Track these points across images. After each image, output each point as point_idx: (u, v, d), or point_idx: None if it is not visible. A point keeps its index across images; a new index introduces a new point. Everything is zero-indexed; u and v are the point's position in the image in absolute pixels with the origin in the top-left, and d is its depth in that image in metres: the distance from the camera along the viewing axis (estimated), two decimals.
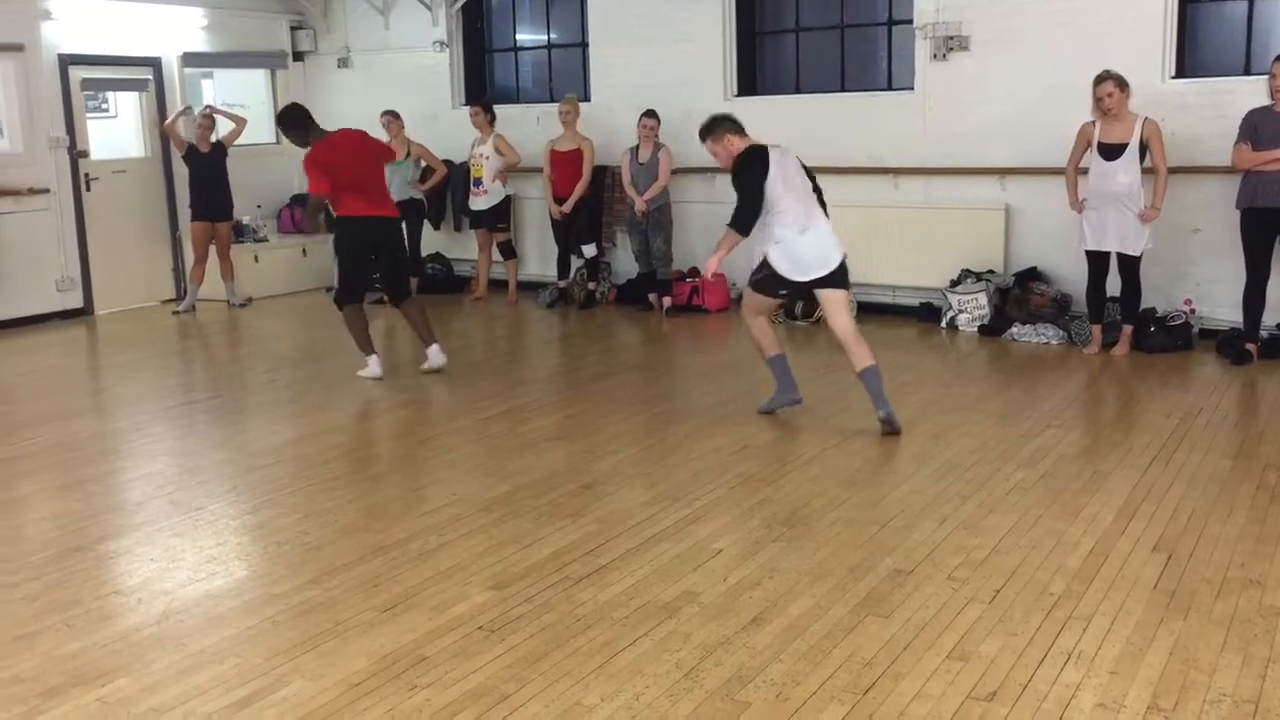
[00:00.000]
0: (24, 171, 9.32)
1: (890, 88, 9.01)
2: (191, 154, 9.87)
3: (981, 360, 7.53)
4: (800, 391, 6.05)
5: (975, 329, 8.11)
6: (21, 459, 5.70)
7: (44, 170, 9.48)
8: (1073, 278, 7.82)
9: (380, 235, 7.18)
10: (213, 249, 9.97)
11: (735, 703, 3.11)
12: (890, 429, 5.60)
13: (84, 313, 9.84)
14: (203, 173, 9.86)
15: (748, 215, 5.76)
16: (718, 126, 5.94)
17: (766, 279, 5.94)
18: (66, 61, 9.61)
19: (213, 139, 9.93)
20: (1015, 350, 7.68)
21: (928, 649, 3.39)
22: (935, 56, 8.46)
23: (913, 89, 8.66)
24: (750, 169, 5.74)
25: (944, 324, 8.31)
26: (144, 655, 3.49)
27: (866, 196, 8.86)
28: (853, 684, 3.20)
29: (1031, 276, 8.13)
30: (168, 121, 10.01)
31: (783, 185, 5.75)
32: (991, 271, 8.30)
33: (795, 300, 6.07)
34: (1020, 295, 8.00)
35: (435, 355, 7.30)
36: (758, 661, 3.34)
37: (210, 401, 6.93)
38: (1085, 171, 7.30)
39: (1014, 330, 7.90)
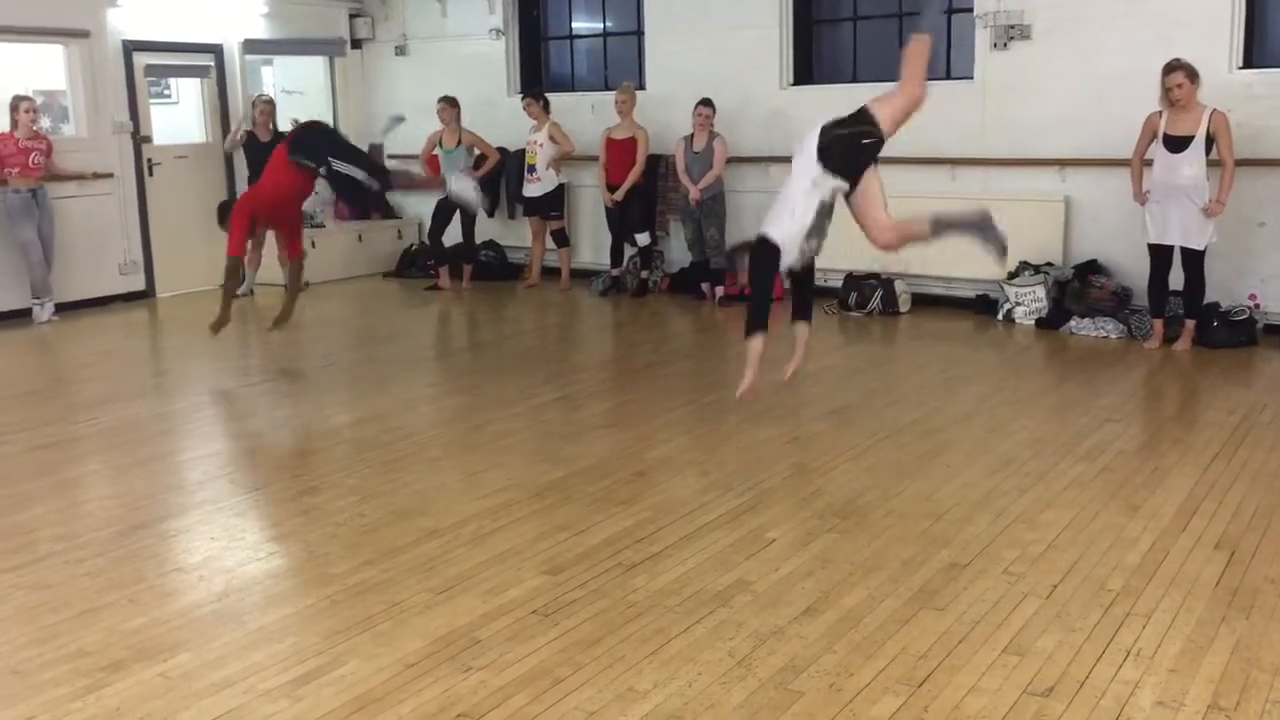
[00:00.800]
0: (89, 156, 9.49)
1: (949, 77, 8.91)
2: (251, 142, 10.00)
3: (1039, 354, 7.44)
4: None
5: (1032, 322, 8.01)
6: (86, 438, 5.82)
7: (108, 155, 9.64)
8: (1133, 271, 7.70)
9: None
10: (275, 234, 10.10)
11: (788, 692, 3.11)
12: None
13: (146, 295, 10.01)
14: (260, 160, 9.98)
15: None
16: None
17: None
18: (131, 48, 9.76)
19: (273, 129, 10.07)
20: (1073, 344, 7.58)
21: (983, 643, 3.37)
22: (996, 45, 8.36)
23: (972, 78, 8.56)
24: None
25: (1000, 317, 8.22)
26: (205, 631, 3.55)
27: (923, 187, 8.77)
28: (907, 676, 3.18)
29: (1091, 269, 8.01)
30: (228, 141, 10.22)
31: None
32: (1050, 264, 8.20)
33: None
34: (1079, 288, 7.89)
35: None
36: (811, 651, 3.34)
37: (268, 384, 7.03)
38: (1150, 163, 7.19)
39: (1072, 323, 7.80)
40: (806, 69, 9.48)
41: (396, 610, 3.67)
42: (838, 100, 9.06)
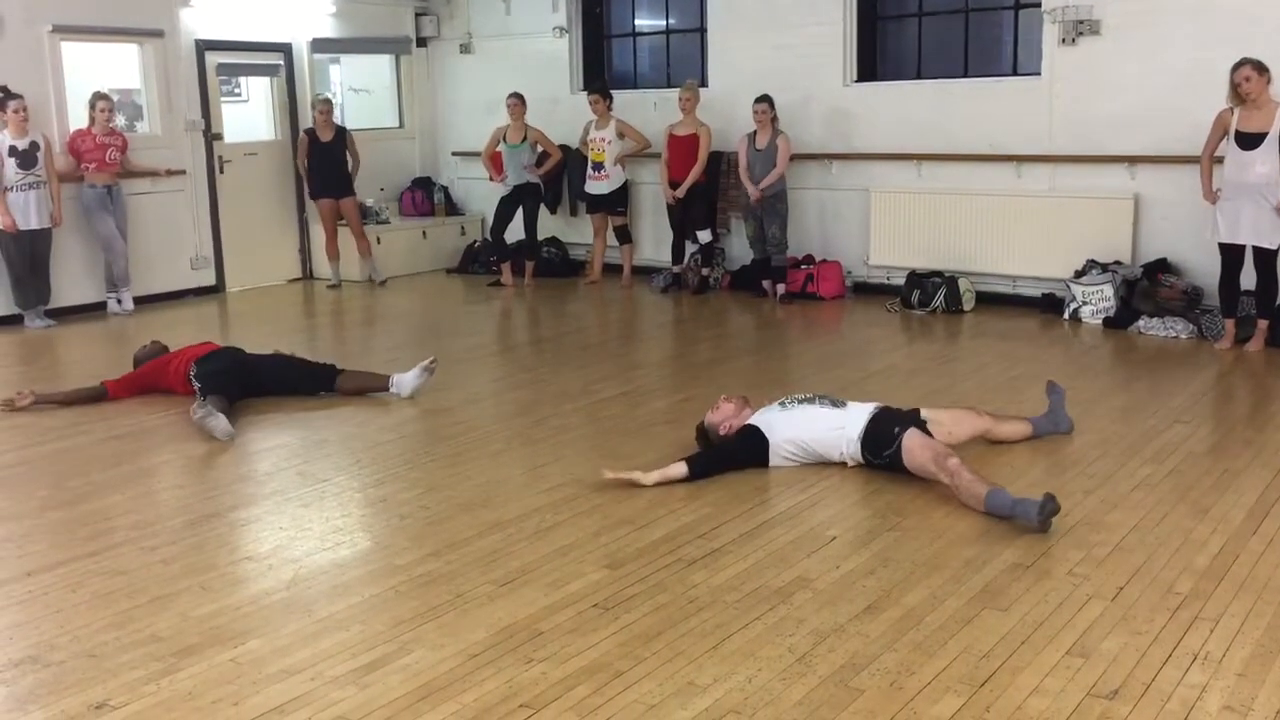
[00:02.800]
0: (162, 153, 9.71)
1: (1016, 73, 8.81)
2: (314, 142, 10.16)
3: (1106, 354, 7.33)
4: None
5: (1100, 321, 7.90)
6: (159, 429, 5.95)
7: (180, 152, 9.86)
8: (1204, 270, 7.57)
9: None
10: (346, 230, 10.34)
11: (848, 689, 3.11)
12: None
13: (216, 290, 10.22)
14: (322, 157, 10.17)
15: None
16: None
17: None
18: (203, 47, 9.97)
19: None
20: (1142, 344, 7.46)
21: (1047, 644, 3.34)
22: (1064, 41, 8.24)
23: (1039, 74, 8.46)
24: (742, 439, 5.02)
25: (1067, 316, 8.12)
26: (274, 619, 3.63)
27: (988, 184, 8.70)
28: (969, 676, 3.17)
29: (1161, 268, 7.89)
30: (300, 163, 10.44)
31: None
32: (1118, 262, 8.07)
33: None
34: (1149, 287, 7.76)
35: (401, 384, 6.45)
36: (871, 649, 3.33)
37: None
38: (1221, 160, 7.05)
39: (1141, 323, 7.68)
40: (870, 66, 9.42)
41: (460, 601, 3.72)
42: (901, 98, 9.07)
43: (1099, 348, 7.45)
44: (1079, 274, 8.14)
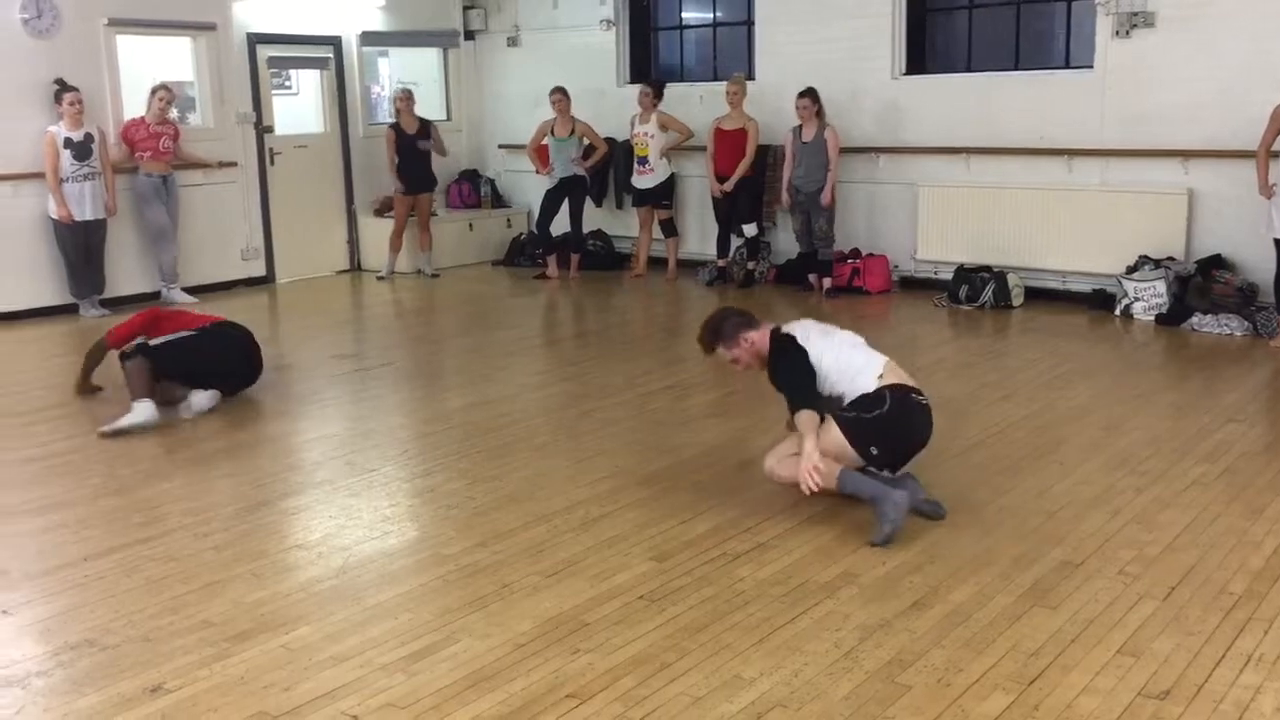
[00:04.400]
0: (214, 146, 9.83)
1: (1068, 66, 8.70)
2: (399, 134, 10.25)
3: (1158, 350, 7.23)
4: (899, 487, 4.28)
5: (1152, 318, 7.79)
6: (211, 418, 6.02)
7: (232, 145, 9.97)
8: (1259, 266, 7.45)
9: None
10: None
11: (895, 685, 3.10)
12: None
13: (266, 281, 10.33)
14: (409, 151, 10.25)
15: (803, 396, 4.36)
16: (728, 328, 4.63)
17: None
18: (254, 40, 10.07)
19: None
20: (1195, 341, 7.35)
21: (1097, 643, 3.31)
22: (1117, 33, 8.13)
23: (1091, 67, 8.35)
24: (786, 356, 4.45)
25: (1118, 312, 8.01)
26: (324, 606, 3.67)
27: (1038, 178, 8.61)
28: (1018, 674, 3.14)
29: (1215, 264, 7.76)
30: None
31: (829, 351, 4.48)
32: (1171, 258, 7.96)
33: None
34: (1202, 284, 7.65)
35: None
36: (919, 646, 3.32)
37: (383, 368, 7.21)
38: (1277, 155, 6.93)
39: (1194, 320, 7.56)
40: (919, 58, 9.34)
41: (507, 592, 3.75)
42: (950, 91, 8.98)
43: (1151, 345, 7.35)
44: (1131, 270, 8.04)
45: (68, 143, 8.59)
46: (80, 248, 8.79)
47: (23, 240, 8.67)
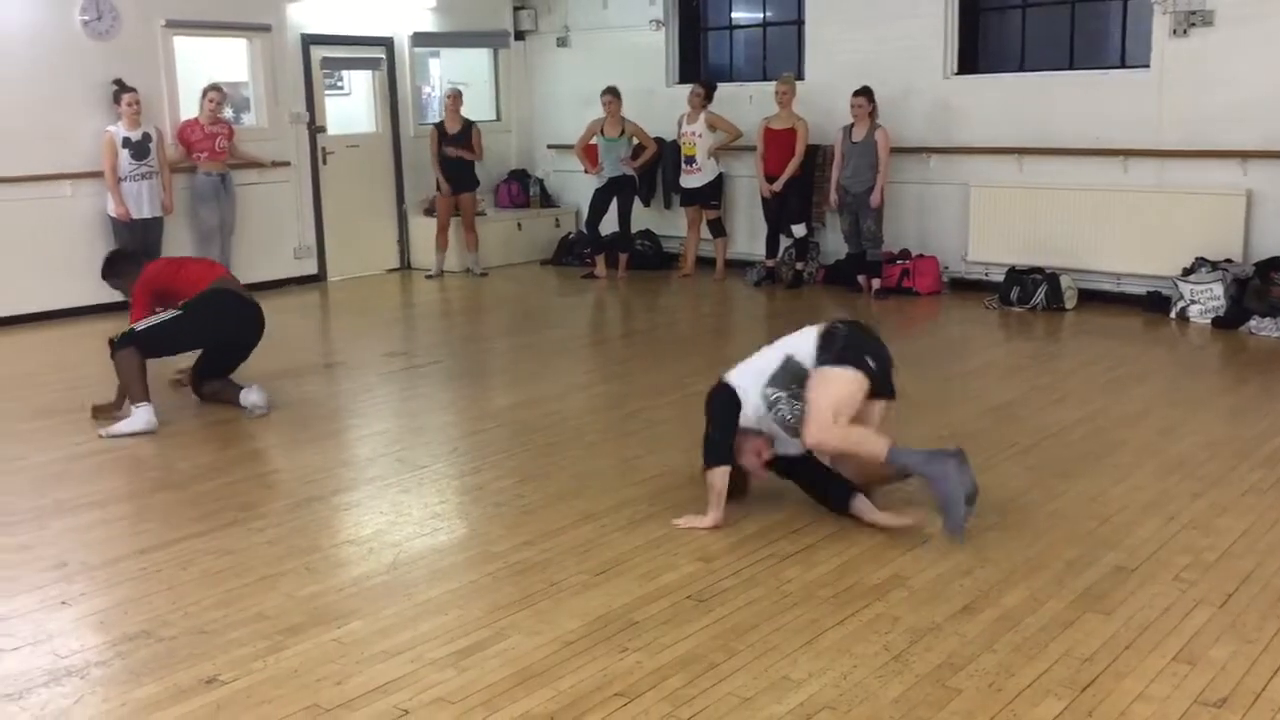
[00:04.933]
0: (268, 145, 9.95)
1: (1123, 65, 8.59)
2: (441, 134, 10.33)
3: (1214, 354, 7.12)
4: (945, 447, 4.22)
5: (1209, 321, 7.67)
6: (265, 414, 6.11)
7: (285, 144, 10.09)
8: None
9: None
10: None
11: (946, 689, 3.08)
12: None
13: (317, 279, 10.45)
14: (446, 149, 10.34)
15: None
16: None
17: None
18: (308, 41, 10.19)
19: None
20: (1253, 344, 7.23)
21: (1152, 650, 3.27)
22: (1175, 32, 8.01)
23: (1148, 67, 8.23)
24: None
25: (1173, 315, 7.89)
26: (375, 601, 3.71)
27: (1092, 179, 8.51)
28: (1071, 679, 3.11)
29: (1273, 266, 7.62)
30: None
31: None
32: (1229, 260, 7.83)
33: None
34: (1261, 286, 7.52)
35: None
36: (969, 650, 3.29)
37: (432, 366, 7.26)
38: None
39: (1252, 323, 7.43)
40: (971, 58, 9.26)
41: (555, 590, 3.76)
42: (1003, 90, 8.90)
43: (1207, 348, 7.24)
44: (1187, 272, 7.91)
45: (126, 142, 8.74)
46: (137, 246, 8.91)
47: (82, 238, 8.82)
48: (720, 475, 4.27)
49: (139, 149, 8.78)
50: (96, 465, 5.27)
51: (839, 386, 4.17)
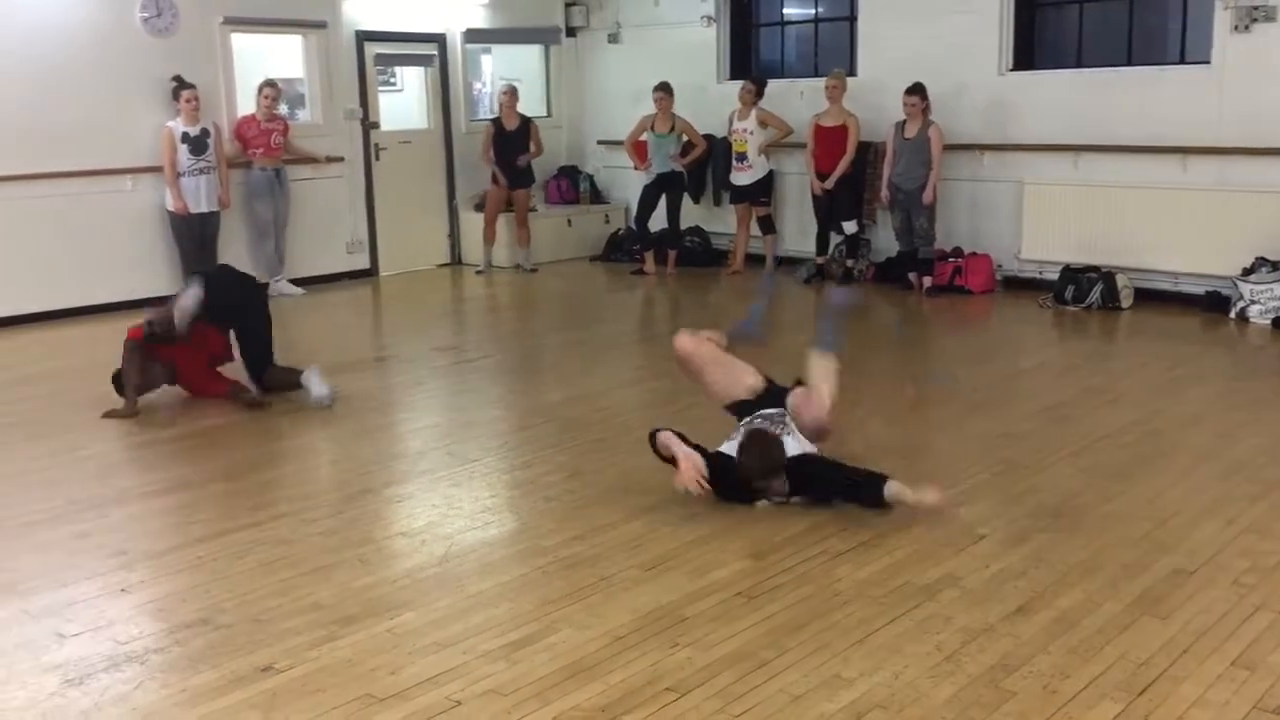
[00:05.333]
0: (322, 141, 10.05)
1: (1183, 61, 8.45)
2: (498, 131, 10.38)
3: (1275, 355, 6.99)
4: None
5: (1269, 321, 7.53)
6: (316, 408, 6.17)
7: (339, 140, 10.19)
8: None
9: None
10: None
11: (999, 690, 3.05)
12: None
13: (369, 273, 10.54)
14: (507, 146, 10.38)
15: None
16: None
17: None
18: (362, 38, 10.28)
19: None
20: None
21: (1210, 654, 3.22)
22: (1237, 28, 7.86)
23: (1209, 63, 8.09)
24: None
25: (1233, 315, 7.76)
26: (428, 593, 3.74)
27: (1150, 177, 8.37)
28: (1127, 683, 3.07)
29: None
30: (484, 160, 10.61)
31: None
32: None
33: None
34: None
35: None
36: (1023, 651, 3.26)
37: (483, 360, 7.31)
38: None
39: None
40: (1027, 54, 9.16)
41: (605, 584, 3.78)
42: (1059, 87, 8.79)
43: (1267, 349, 7.11)
44: (1247, 271, 7.78)
45: (184, 137, 8.87)
46: (195, 239, 9.07)
47: (141, 232, 8.97)
48: (664, 435, 4.42)
49: (197, 144, 8.91)
50: (155, 455, 5.36)
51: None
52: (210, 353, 6.18)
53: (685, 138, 10.27)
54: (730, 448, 4.49)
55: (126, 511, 4.57)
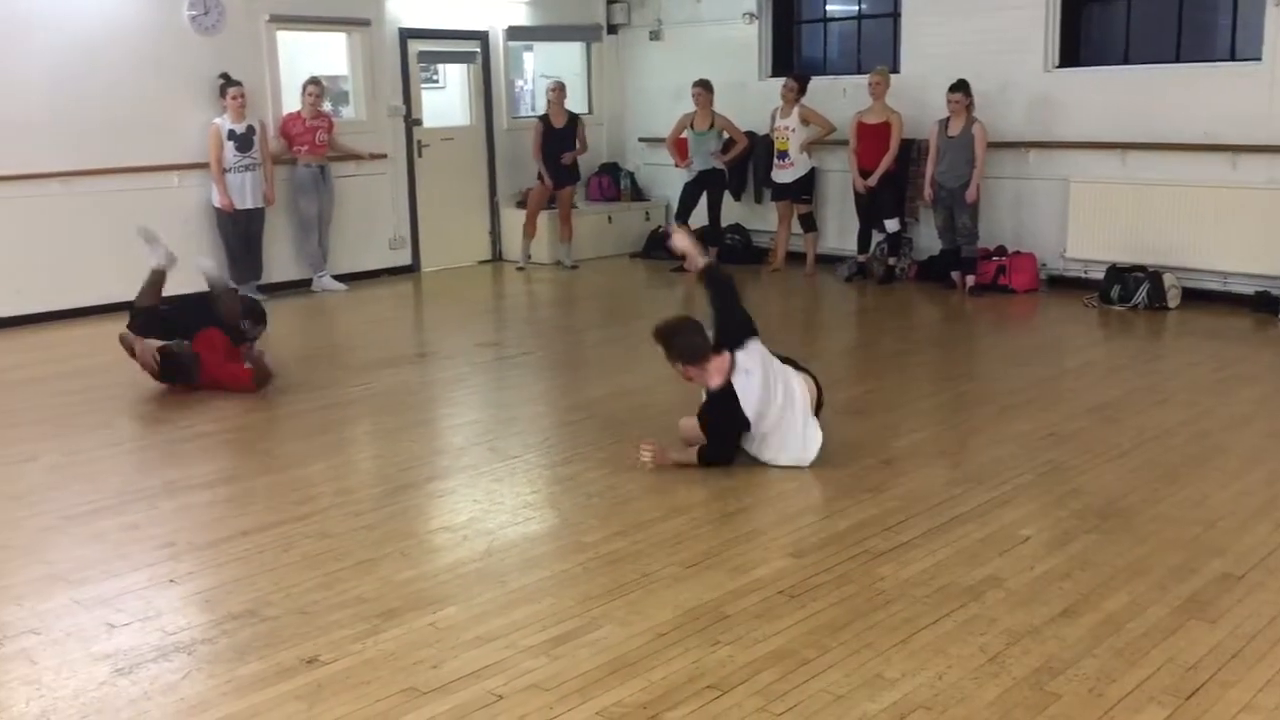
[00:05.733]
0: (366, 138, 10.13)
1: (1233, 58, 8.32)
2: (546, 128, 10.42)
3: None
4: None
5: None
6: (361, 401, 6.24)
7: (383, 137, 10.26)
8: None
9: None
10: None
11: (1044, 693, 3.02)
12: None
13: (411, 270, 10.61)
14: (554, 144, 10.40)
15: (717, 454, 4.89)
16: (691, 352, 4.91)
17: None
18: (406, 35, 10.34)
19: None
20: None
21: (1259, 659, 3.17)
22: None
23: (1260, 59, 7.97)
24: (727, 416, 4.83)
25: None
26: (470, 588, 3.76)
27: (1200, 175, 8.26)
28: (1174, 687, 3.03)
29: None
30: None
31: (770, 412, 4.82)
32: None
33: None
34: None
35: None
36: (1069, 654, 3.23)
37: (524, 357, 7.34)
38: None
39: None
40: (1073, 50, 9.06)
41: (647, 581, 3.78)
42: (1107, 84, 8.69)
43: None
44: None
45: (231, 135, 8.96)
46: (240, 235, 9.17)
47: (188, 227, 9.07)
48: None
49: (243, 141, 9.00)
50: (202, 448, 5.42)
51: None
52: (220, 345, 6.41)
53: (725, 134, 10.24)
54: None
55: (174, 504, 4.63)
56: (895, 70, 9.74)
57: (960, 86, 8.79)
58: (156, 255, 6.77)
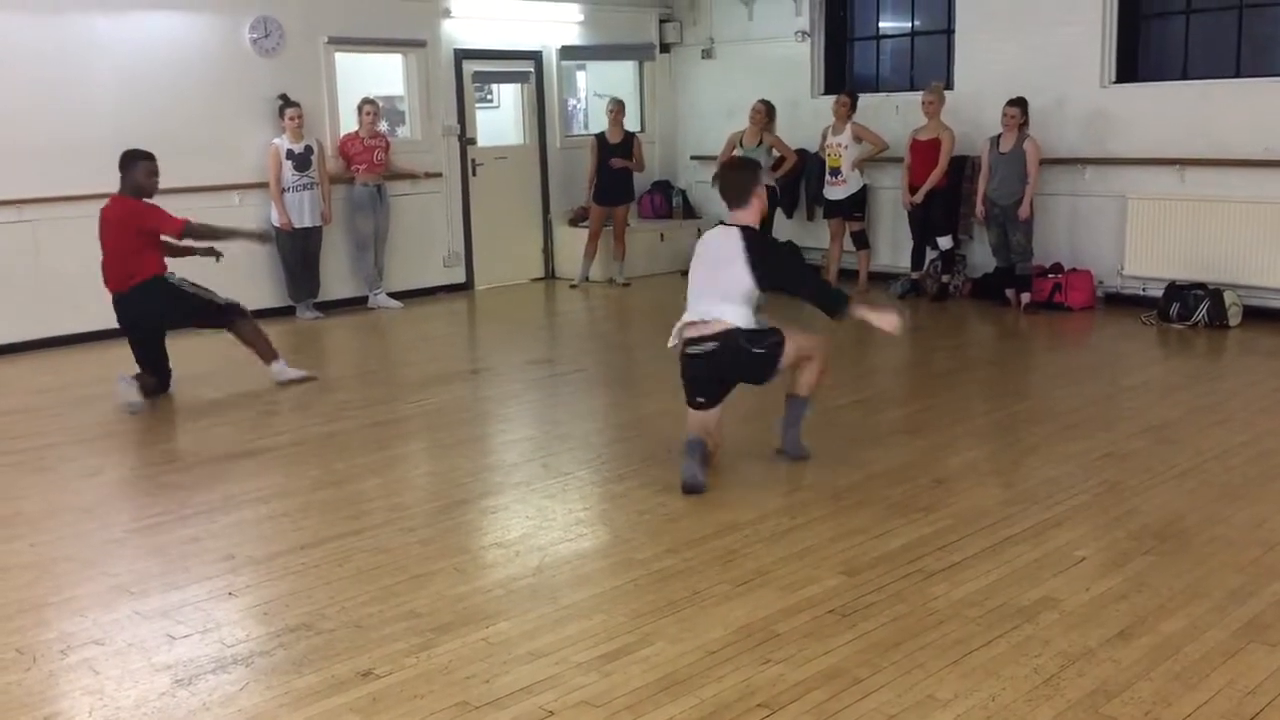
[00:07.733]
0: (421, 157, 10.26)
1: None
2: (601, 144, 10.50)
3: None
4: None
5: None
6: (415, 417, 6.31)
7: (438, 156, 10.39)
8: None
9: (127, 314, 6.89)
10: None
11: (1099, 716, 2.99)
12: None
13: (465, 287, 10.71)
14: (607, 159, 10.47)
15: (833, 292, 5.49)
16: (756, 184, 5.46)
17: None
18: (460, 56, 10.47)
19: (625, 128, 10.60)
20: None
21: None
22: None
23: None
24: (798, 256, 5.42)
25: None
26: (522, 603, 3.79)
27: (1261, 192, 8.14)
28: (1233, 712, 2.99)
29: None
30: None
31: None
32: None
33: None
34: None
35: (280, 371, 6.97)
36: (1124, 677, 3.19)
37: (576, 374, 7.38)
38: None
39: None
40: (1130, 66, 8.97)
41: (698, 598, 3.79)
42: (1165, 99, 8.59)
43: None
44: None
45: (289, 154, 9.13)
46: (298, 253, 9.32)
47: (248, 246, 9.21)
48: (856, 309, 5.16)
49: (301, 161, 9.16)
50: (261, 463, 5.52)
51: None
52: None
53: (776, 152, 10.25)
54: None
55: (233, 518, 4.72)
56: (949, 87, 9.70)
57: (1017, 101, 8.73)
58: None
